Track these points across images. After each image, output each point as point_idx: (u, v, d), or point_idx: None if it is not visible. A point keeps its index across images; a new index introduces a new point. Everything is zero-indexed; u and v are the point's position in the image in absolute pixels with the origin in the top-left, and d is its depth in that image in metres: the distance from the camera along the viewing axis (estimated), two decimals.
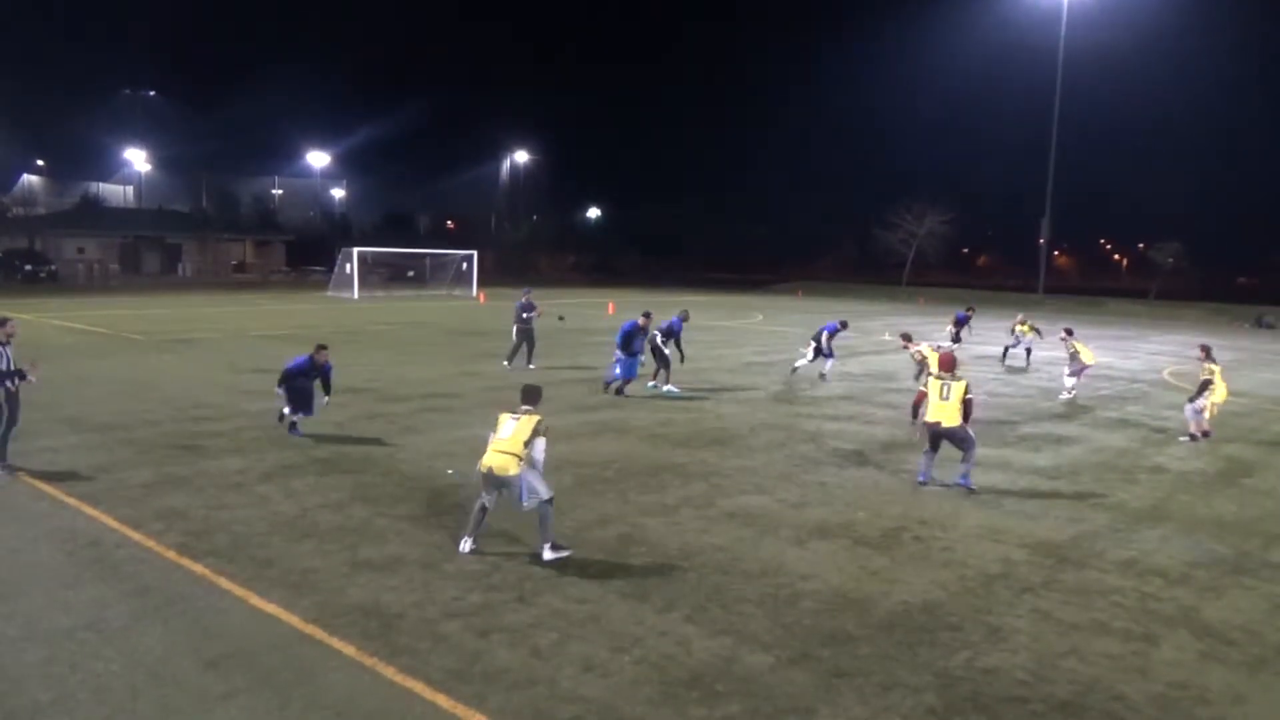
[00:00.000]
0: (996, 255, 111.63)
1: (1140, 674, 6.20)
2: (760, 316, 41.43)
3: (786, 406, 16.44)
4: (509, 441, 7.95)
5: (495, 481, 7.96)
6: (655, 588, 7.43)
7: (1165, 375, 24.32)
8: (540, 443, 8.00)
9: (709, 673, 5.99)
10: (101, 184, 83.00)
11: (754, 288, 71.22)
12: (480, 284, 53.81)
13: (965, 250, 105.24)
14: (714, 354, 24.67)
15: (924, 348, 16.71)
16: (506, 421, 8.12)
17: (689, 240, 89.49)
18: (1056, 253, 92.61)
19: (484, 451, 8.06)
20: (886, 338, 32.34)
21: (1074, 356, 18.73)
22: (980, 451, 13.10)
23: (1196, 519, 10.08)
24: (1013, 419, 16.02)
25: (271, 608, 6.81)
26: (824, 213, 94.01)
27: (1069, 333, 19.54)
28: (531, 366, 19.83)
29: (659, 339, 17.44)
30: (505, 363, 20.32)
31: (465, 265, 54.70)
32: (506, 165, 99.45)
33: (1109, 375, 23.46)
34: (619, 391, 16.75)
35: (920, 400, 10.90)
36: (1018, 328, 24.88)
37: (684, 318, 18.10)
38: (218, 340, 25.32)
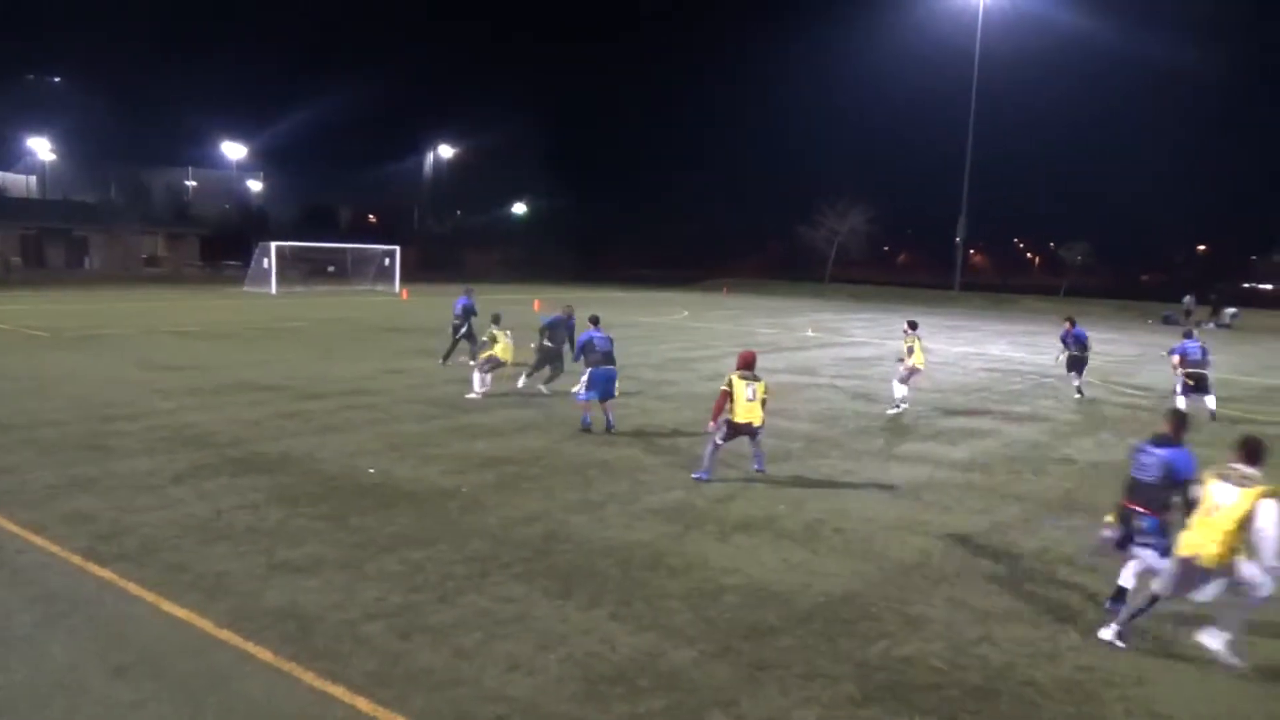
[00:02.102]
0: (916, 253, 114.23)
1: (1049, 659, 6.42)
2: (686, 313, 41.69)
3: (709, 402, 16.53)
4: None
5: None
6: (580, 585, 7.42)
7: None
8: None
9: (633, 669, 6.01)
10: (2, 173, 79.39)
11: (682, 284, 71.60)
12: (404, 279, 53.03)
13: (886, 248, 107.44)
14: (640, 350, 24.73)
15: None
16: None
17: (618, 237, 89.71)
18: (972, 251, 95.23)
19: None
20: (809, 333, 32.84)
21: (908, 354, 16.38)
22: (900, 446, 13.45)
23: (1103, 508, 10.42)
24: (930, 414, 16.41)
25: (184, 613, 6.61)
26: (751, 211, 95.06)
27: (912, 326, 17.02)
28: (473, 363, 19.22)
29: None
30: (441, 361, 20.00)
31: (388, 260, 53.84)
32: (430, 158, 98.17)
33: (1020, 370, 24.20)
34: (608, 428, 13.38)
35: (724, 400, 10.78)
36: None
37: (568, 314, 17.01)
38: (127, 337, 24.47)
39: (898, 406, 16.26)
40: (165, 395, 15.30)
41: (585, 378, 13.63)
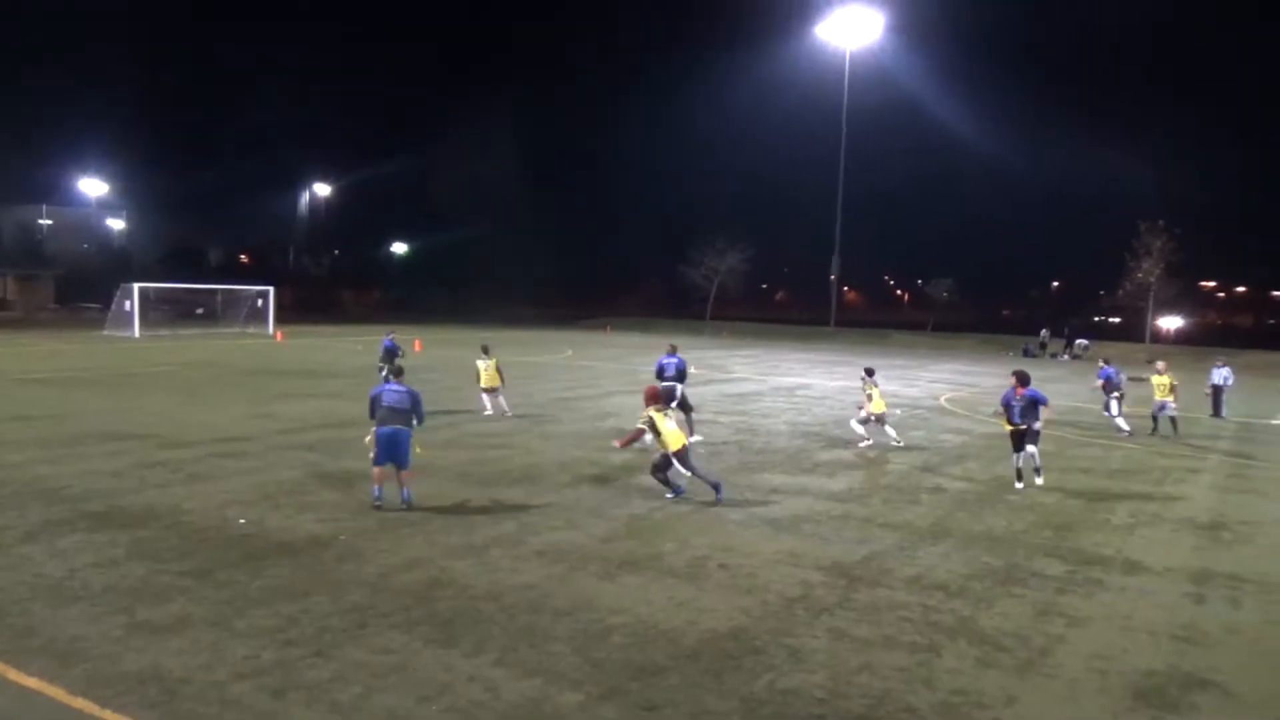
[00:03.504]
0: (792, 291, 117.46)
1: (925, 684, 6.60)
2: (570, 352, 41.67)
3: (594, 441, 16.55)
4: None
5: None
6: (463, 631, 7.26)
7: (943, 401, 26.26)
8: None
9: (518, 716, 5.89)
10: None
11: (564, 323, 71.64)
12: (279, 321, 51.35)
13: (764, 286, 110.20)
14: (524, 390, 24.54)
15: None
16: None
17: (497, 276, 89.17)
18: (846, 288, 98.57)
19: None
20: (692, 371, 33.24)
21: (867, 400, 17.02)
22: (781, 479, 13.71)
23: (972, 534, 10.90)
24: (810, 448, 16.81)
25: (32, 681, 6.15)
26: (631, 250, 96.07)
27: (869, 373, 17.56)
28: None
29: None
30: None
31: (261, 301, 52.08)
32: (305, 197, 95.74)
33: (894, 403, 25.04)
34: (403, 503, 11.17)
35: (638, 436, 12.47)
36: (1153, 379, 20.51)
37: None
38: None
39: (866, 440, 16.86)
40: (13, 447, 14.32)
41: (369, 439, 11.39)
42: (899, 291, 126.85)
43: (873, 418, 16.97)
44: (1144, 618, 8.17)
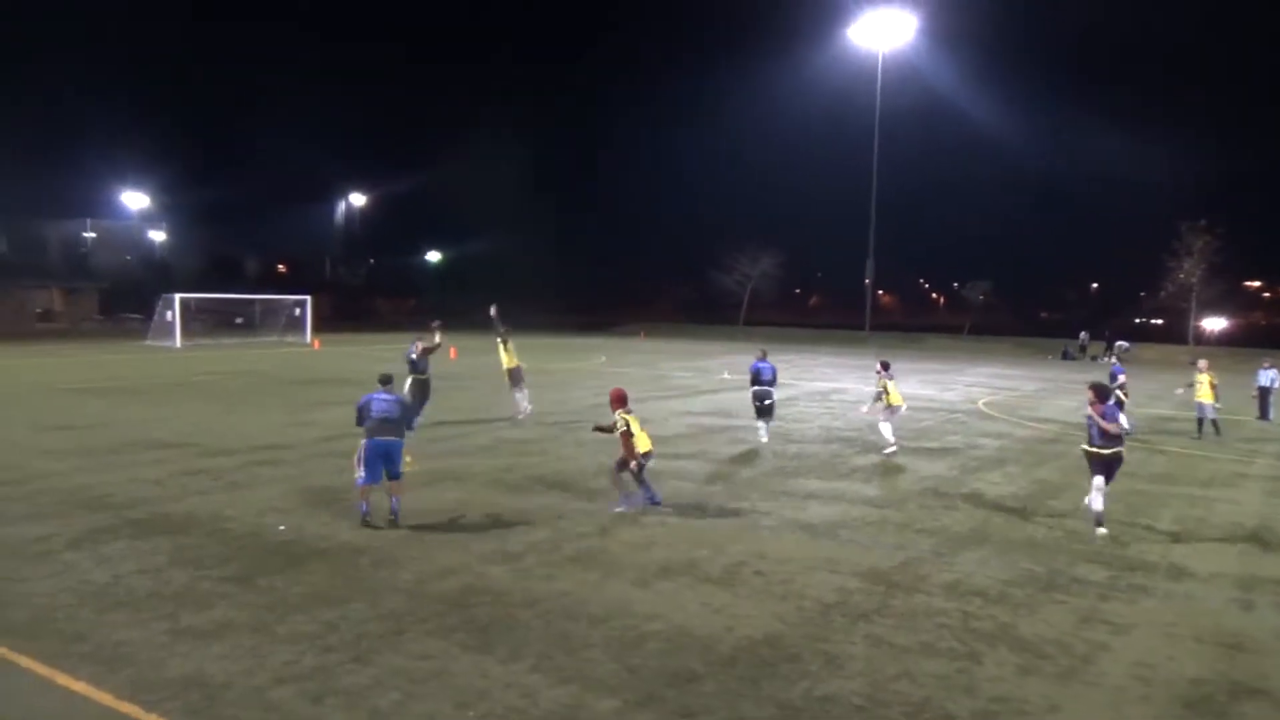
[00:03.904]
0: (826, 295, 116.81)
1: (965, 691, 6.52)
2: (604, 358, 41.76)
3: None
4: None
5: None
6: (500, 638, 7.28)
7: (980, 405, 25.96)
8: None
9: None
10: None
11: (598, 329, 71.78)
12: (316, 330, 51.98)
13: (798, 290, 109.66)
14: (556, 396, 24.64)
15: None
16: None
17: (533, 283, 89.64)
18: (880, 292, 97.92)
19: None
20: (725, 376, 33.17)
21: (879, 396, 16.58)
22: (816, 484, 13.62)
23: (1011, 540, 10.76)
24: (845, 452, 16.70)
25: (80, 686, 6.27)
26: (664, 256, 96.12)
27: (884, 367, 16.99)
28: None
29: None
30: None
31: (298, 310, 52.73)
32: (341, 206, 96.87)
33: (930, 407, 24.84)
34: (392, 518, 10.69)
35: (630, 439, 11.63)
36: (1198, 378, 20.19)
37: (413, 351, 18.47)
38: (16, 396, 23.33)
39: (893, 447, 16.37)
40: (57, 456, 14.61)
41: (360, 452, 10.72)
42: (934, 295, 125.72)
43: (890, 412, 16.55)
44: (1190, 625, 8.01)
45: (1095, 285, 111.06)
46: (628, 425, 11.62)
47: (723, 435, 18.37)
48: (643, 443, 11.63)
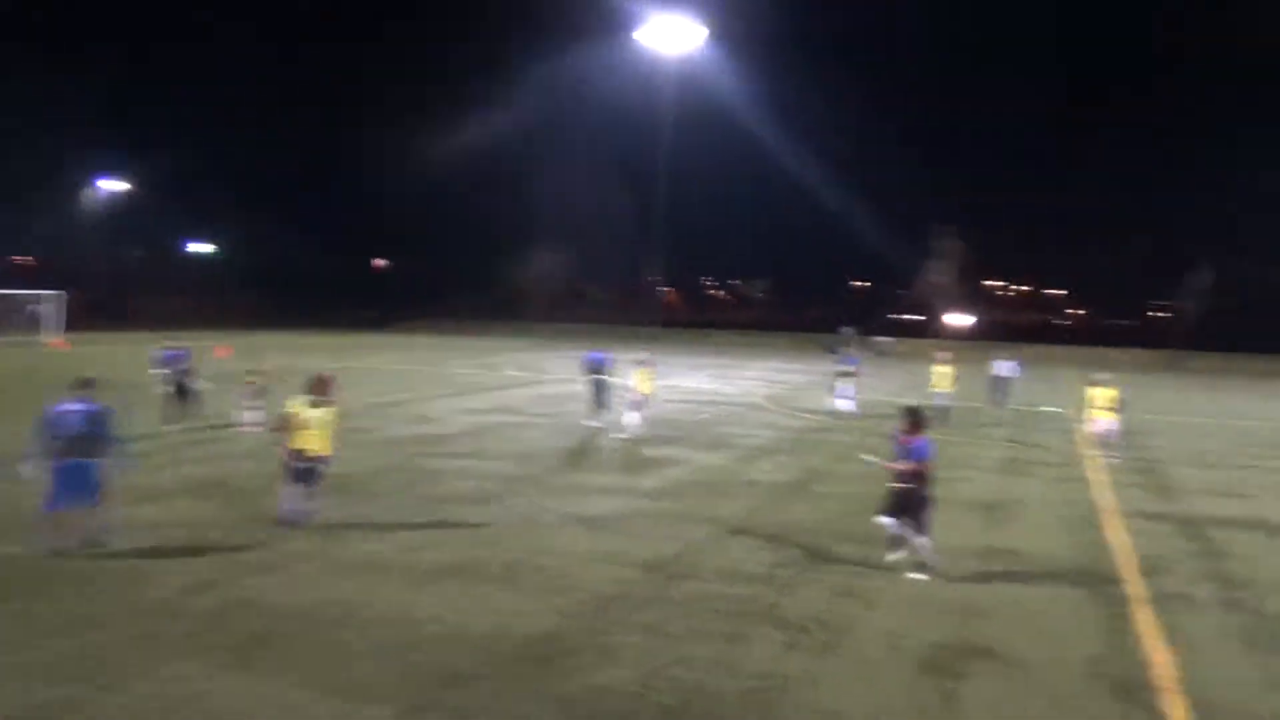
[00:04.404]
0: (613, 292, 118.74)
1: (734, 672, 6.80)
2: (389, 355, 40.46)
3: (412, 448, 16.14)
4: None
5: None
6: (263, 654, 6.89)
7: (758, 398, 27.22)
8: None
9: None
10: None
11: (380, 327, 69.50)
12: (66, 328, 47.25)
13: (585, 287, 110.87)
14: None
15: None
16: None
17: (316, 278, 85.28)
18: (666, 289, 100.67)
19: None
20: (510, 373, 33.03)
21: (635, 382, 18.11)
22: (598, 479, 13.79)
23: (780, 525, 11.34)
24: (627, 447, 17.03)
25: None
26: (452, 252, 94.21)
27: (641, 362, 18.61)
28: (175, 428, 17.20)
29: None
30: (164, 426, 17.33)
31: (43, 307, 47.72)
32: (94, 194, 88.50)
33: (712, 401, 25.80)
34: (92, 543, 9.23)
35: (285, 425, 10.04)
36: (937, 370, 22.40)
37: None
38: None
39: (624, 431, 17.68)
40: None
41: (47, 477, 9.09)
42: (717, 291, 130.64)
43: (639, 400, 18.07)
44: (933, 594, 8.74)
45: (861, 284, 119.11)
46: (297, 414, 10.00)
47: (504, 433, 18.26)
48: (306, 439, 9.97)
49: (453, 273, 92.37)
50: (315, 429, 10.14)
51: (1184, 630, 8.03)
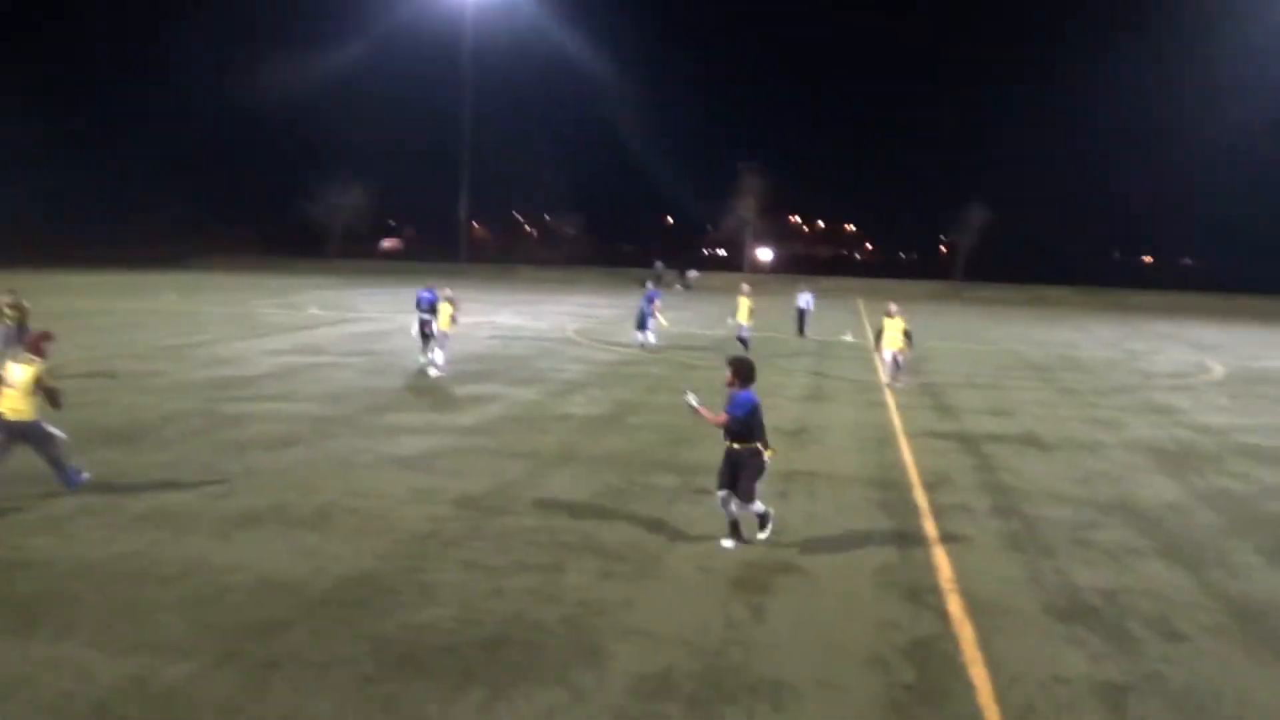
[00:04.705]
0: (421, 228, 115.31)
1: (552, 600, 6.92)
2: (174, 295, 37.74)
3: (209, 392, 15.23)
4: None
5: None
6: (47, 615, 6.39)
7: (570, 333, 27.35)
8: None
9: (118, 699, 5.33)
10: None
11: (166, 265, 64.56)
12: None
13: (392, 222, 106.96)
14: (118, 340, 21.91)
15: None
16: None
17: (78, 214, 77.64)
18: (475, 224, 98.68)
19: None
20: (313, 311, 31.65)
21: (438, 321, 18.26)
22: (412, 418, 13.52)
23: (595, 457, 11.53)
24: (441, 384, 16.76)
25: None
26: (241, 186, 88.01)
27: (442, 298, 18.59)
28: None
29: None
30: None
31: None
32: None
33: (523, 337, 25.70)
34: None
35: None
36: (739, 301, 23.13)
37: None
38: None
39: (437, 369, 17.85)
40: None
41: None
42: (527, 228, 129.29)
43: (441, 337, 18.23)
44: (743, 517, 9.15)
45: (670, 219, 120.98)
46: None
47: (311, 374, 17.54)
48: (6, 400, 8.72)
49: (252, 209, 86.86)
50: (16, 389, 8.78)
51: (963, 537, 8.82)
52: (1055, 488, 10.85)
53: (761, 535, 8.38)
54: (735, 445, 8.14)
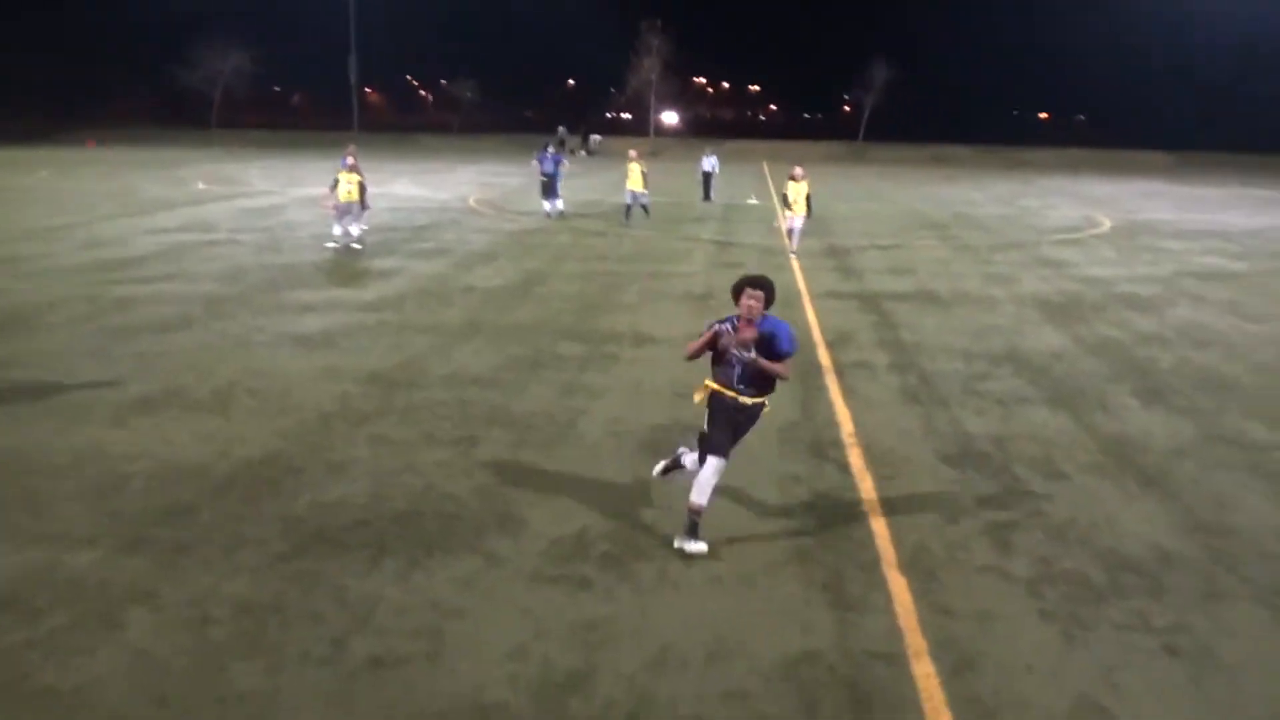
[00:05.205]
0: (310, 95, 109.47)
1: (464, 473, 6.96)
2: (45, 173, 35.34)
3: (92, 275, 14.47)
4: None
5: None
6: None
7: (471, 203, 26.70)
8: None
9: (24, 591, 5.21)
10: None
11: (32, 139, 60.14)
12: None
13: (278, 89, 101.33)
14: None
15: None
16: None
17: None
18: (368, 91, 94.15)
19: None
20: (200, 186, 30.11)
21: (334, 186, 17.08)
22: (311, 295, 13.16)
23: (502, 328, 11.46)
24: (341, 259, 16.28)
25: None
26: (109, 51, 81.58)
27: (347, 166, 17.14)
28: None
29: None
30: None
31: None
32: None
33: (425, 208, 25.01)
34: None
35: None
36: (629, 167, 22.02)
37: None
38: None
39: (335, 243, 17.22)
40: None
41: None
42: (423, 93, 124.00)
43: (341, 209, 17.11)
44: (651, 382, 9.30)
45: (571, 82, 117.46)
46: None
47: (202, 252, 16.80)
48: None
49: (130, 79, 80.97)
50: None
51: (863, 392, 9.15)
52: (951, 342, 11.27)
53: (656, 470, 6.58)
54: (746, 400, 5.94)
